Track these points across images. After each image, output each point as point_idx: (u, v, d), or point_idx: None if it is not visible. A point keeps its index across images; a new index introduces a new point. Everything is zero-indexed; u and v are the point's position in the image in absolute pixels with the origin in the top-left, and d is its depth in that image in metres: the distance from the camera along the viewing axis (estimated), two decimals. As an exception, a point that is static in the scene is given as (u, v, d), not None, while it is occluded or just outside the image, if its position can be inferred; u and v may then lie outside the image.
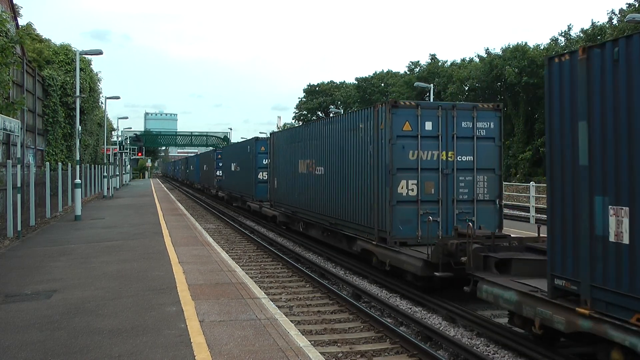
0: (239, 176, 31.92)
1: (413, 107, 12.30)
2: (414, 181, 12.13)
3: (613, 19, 41.43)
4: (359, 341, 8.97)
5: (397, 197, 12.06)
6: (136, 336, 6.86)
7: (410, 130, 12.10)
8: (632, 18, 23.25)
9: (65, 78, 34.40)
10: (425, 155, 12.15)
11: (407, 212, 12.13)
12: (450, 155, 12.29)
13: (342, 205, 15.00)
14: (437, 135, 12.27)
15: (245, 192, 29.78)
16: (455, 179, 12.38)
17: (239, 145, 34.81)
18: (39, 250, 14.39)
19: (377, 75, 78.51)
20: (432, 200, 12.26)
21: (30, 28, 32.84)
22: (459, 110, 12.50)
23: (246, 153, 29.41)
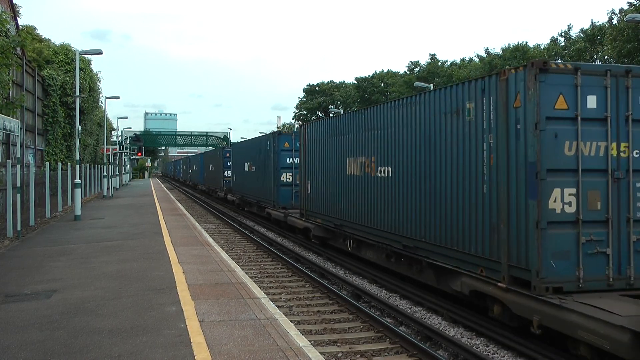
0: (254, 177, 27.02)
1: (570, 71, 7.97)
2: (573, 190, 7.86)
3: (613, 18, 41.36)
4: (358, 341, 8.97)
5: (549, 216, 7.72)
6: (136, 336, 6.85)
7: (567, 110, 7.89)
8: (632, 18, 23.22)
9: (65, 78, 34.39)
10: (587, 148, 7.96)
11: (563, 239, 7.78)
12: (623, 149, 8.07)
13: (427, 221, 10.65)
14: (605, 116, 8.02)
15: (263, 196, 25.09)
16: (631, 186, 8.08)
17: (255, 141, 28.76)
18: (39, 250, 14.38)
19: (377, 75, 78.46)
20: (597, 220, 7.92)
21: (31, 30, 32.83)
22: (636, 78, 8.12)
23: (265, 150, 24.76)
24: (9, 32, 20.50)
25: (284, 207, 22.05)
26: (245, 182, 29.43)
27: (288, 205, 21.89)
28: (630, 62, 35.72)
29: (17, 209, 16.91)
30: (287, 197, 22.20)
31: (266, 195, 24.10)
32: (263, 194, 24.64)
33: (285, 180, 22.36)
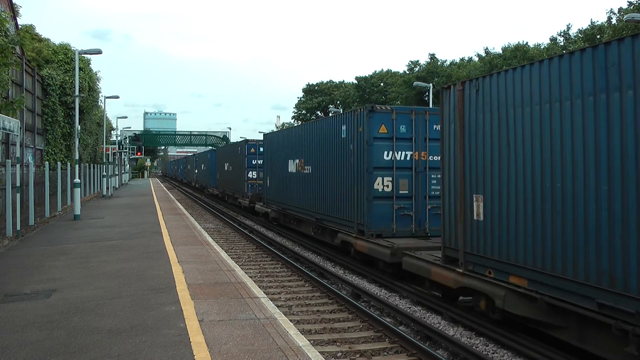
0: (313, 183, 26.20)
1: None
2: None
3: (612, 18, 41.43)
4: (358, 340, 8.97)
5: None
6: (135, 336, 6.85)
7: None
8: (631, 17, 23.24)
9: (65, 77, 34.39)
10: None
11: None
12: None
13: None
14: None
15: (340, 213, 24.71)
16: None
17: (312, 127, 30.54)
18: (38, 249, 14.38)
19: (376, 74, 78.52)
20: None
21: (30, 29, 32.82)
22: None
23: (338, 142, 25.68)
24: (9, 31, 20.49)
25: (380, 234, 13.69)
26: (292, 189, 20.38)
27: (387, 231, 13.71)
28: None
29: (17, 208, 16.91)
30: (387, 217, 13.81)
31: (348, 211, 14.89)
32: (340, 209, 15.53)
33: (383, 189, 13.87)
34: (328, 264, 15.75)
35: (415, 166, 13.71)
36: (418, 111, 13.99)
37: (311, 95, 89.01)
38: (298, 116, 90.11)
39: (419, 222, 13.66)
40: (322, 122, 17.68)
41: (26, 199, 19.39)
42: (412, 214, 13.62)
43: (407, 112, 13.83)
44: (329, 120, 16.98)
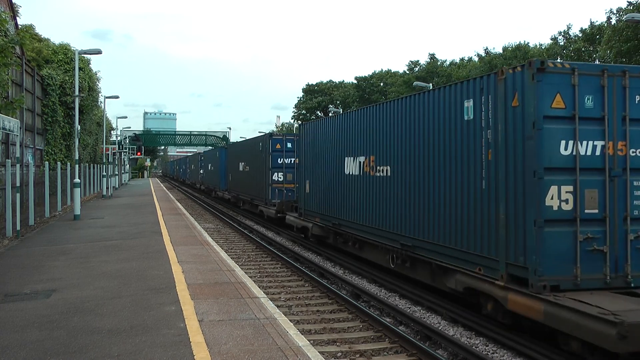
0: (395, 189, 21.41)
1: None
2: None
3: (611, 18, 41.40)
4: (358, 340, 8.98)
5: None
6: (135, 336, 6.85)
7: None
8: (631, 17, 23.23)
9: (64, 77, 34.39)
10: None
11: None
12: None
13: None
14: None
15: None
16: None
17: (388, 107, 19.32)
18: (38, 249, 14.38)
19: (376, 74, 78.52)
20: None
21: (30, 29, 32.80)
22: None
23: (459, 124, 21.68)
24: (8, 31, 20.48)
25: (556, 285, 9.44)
26: (351, 198, 14.79)
27: (566, 280, 9.14)
28: (627, 61, 35.73)
29: (17, 208, 16.90)
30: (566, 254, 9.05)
31: (480, 240, 9.49)
32: (460, 235, 9.99)
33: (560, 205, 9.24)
34: (328, 264, 15.74)
35: (610, 165, 8.19)
36: (612, 71, 8.31)
37: (311, 95, 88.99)
38: (298, 116, 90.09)
39: (615, 262, 8.10)
40: (413, 99, 11.32)
41: (26, 199, 19.39)
42: (606, 249, 8.06)
43: (595, 74, 8.24)
44: (430, 95, 10.65)
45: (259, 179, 25.85)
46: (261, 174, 25.46)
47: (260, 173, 25.81)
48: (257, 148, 26.57)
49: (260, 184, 25.69)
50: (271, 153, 24.35)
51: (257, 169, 26.41)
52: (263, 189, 25.08)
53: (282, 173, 24.41)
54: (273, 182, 24.32)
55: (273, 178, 24.40)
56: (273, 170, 24.38)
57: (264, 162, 24.89)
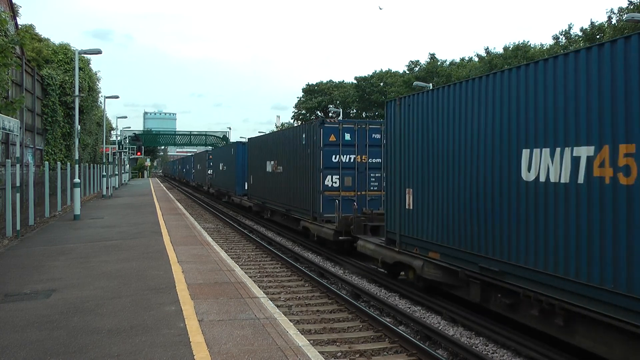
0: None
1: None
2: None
3: (612, 18, 41.42)
4: (358, 340, 8.98)
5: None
6: (135, 335, 6.85)
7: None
8: (631, 17, 23.24)
9: (64, 77, 34.37)
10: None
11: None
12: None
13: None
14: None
15: None
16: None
17: None
18: (38, 249, 14.38)
19: (376, 74, 78.49)
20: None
21: (30, 29, 32.79)
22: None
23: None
24: (8, 31, 20.47)
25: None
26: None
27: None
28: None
29: (17, 208, 16.90)
30: None
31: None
32: None
33: None
34: (328, 263, 15.75)
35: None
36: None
37: (311, 95, 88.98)
38: (297, 116, 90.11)
39: None
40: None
41: (26, 199, 19.38)
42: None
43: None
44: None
45: (301, 184, 19.69)
46: (305, 177, 19.35)
47: (303, 175, 19.62)
48: (298, 141, 19.98)
49: (303, 190, 19.55)
50: (322, 148, 17.99)
51: (298, 169, 20.00)
52: (308, 198, 18.90)
53: (337, 176, 18.10)
54: (325, 189, 18.05)
55: (325, 183, 18.07)
56: (326, 172, 18.04)
57: (310, 161, 18.69)
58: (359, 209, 15.72)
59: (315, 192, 18.01)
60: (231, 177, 33.95)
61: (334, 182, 17.88)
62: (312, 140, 18.38)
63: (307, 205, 18.94)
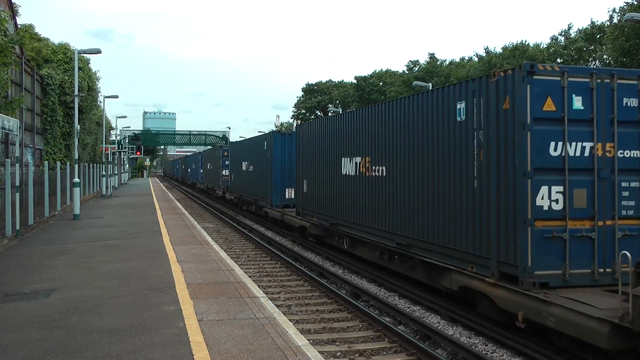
0: None
1: None
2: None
3: (613, 17, 41.37)
4: (357, 340, 8.98)
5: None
6: (135, 335, 6.85)
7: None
8: (630, 17, 23.23)
9: (64, 77, 34.35)
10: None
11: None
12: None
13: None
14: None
15: None
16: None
17: None
18: (38, 249, 14.38)
19: (375, 74, 78.45)
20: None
21: (30, 28, 32.78)
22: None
23: None
24: (8, 31, 20.46)
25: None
26: None
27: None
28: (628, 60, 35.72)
29: (16, 208, 16.90)
30: None
31: None
32: None
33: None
34: (327, 263, 15.75)
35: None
36: None
37: (310, 95, 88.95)
38: (297, 116, 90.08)
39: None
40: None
41: (25, 199, 19.38)
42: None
43: None
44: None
45: (452, 200, 9.96)
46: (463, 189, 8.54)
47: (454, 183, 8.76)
48: (441, 115, 10.64)
49: (459, 212, 9.90)
50: (531, 125, 10.72)
51: (441, 172, 10.78)
52: (489, 232, 7.60)
53: (561, 187, 12.53)
54: (539, 215, 9.46)
55: (537, 203, 9.92)
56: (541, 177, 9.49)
57: (493, 154, 10.22)
58: None
59: (515, 221, 8.43)
60: (262, 180, 24.86)
61: (555, 199, 8.49)
62: (495, 110, 8.90)
63: (477, 245, 9.28)
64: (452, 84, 10.07)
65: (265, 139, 24.86)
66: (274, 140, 23.33)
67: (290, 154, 22.26)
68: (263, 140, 25.49)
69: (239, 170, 31.12)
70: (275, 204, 22.86)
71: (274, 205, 22.96)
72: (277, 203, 22.80)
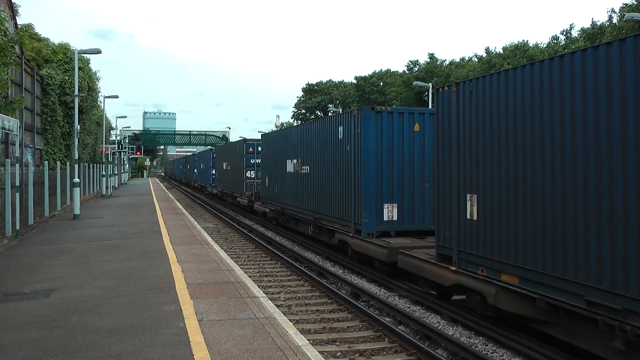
0: None
1: None
2: None
3: (613, 17, 41.41)
4: (357, 340, 8.97)
5: None
6: (135, 335, 6.85)
7: None
8: (631, 17, 23.25)
9: (64, 77, 34.36)
10: None
11: None
12: None
13: None
14: None
15: None
16: None
17: None
18: (38, 249, 14.37)
19: (376, 74, 78.48)
20: None
21: (30, 28, 32.78)
22: None
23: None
24: (8, 31, 20.46)
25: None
26: None
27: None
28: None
29: (16, 208, 16.90)
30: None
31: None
32: None
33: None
34: (327, 263, 15.75)
35: None
36: None
37: (311, 95, 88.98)
38: (297, 115, 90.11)
39: None
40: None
41: (25, 199, 19.38)
42: None
43: None
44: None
45: None
46: None
47: None
48: None
49: None
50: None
51: None
52: None
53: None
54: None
55: None
56: None
57: None
58: None
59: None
60: (335, 189, 15.73)
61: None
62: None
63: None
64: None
65: (343, 123, 15.08)
66: (365, 123, 13.73)
67: (394, 144, 13.77)
68: (335, 125, 15.64)
69: (280, 172, 21.91)
70: (368, 230, 13.65)
71: (364, 232, 13.70)
72: (371, 229, 13.63)
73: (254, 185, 29.00)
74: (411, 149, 13.76)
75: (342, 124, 15.15)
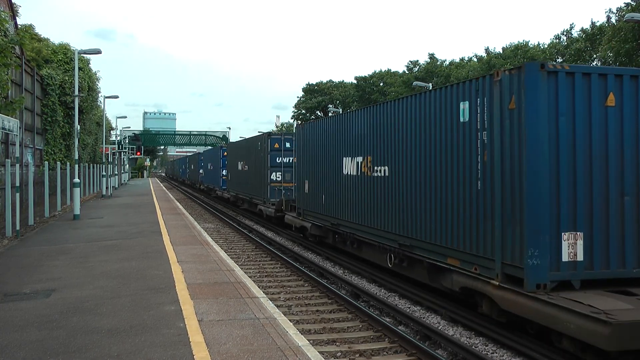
0: None
1: None
2: None
3: (611, 17, 41.39)
4: (357, 340, 8.97)
5: None
6: (135, 335, 6.85)
7: None
8: (631, 17, 23.25)
9: (64, 77, 34.37)
10: None
11: None
12: None
13: None
14: None
15: None
16: None
17: None
18: (38, 249, 14.37)
19: (376, 74, 78.51)
20: None
21: (30, 29, 32.80)
22: None
23: None
24: (8, 31, 20.47)
25: None
26: None
27: None
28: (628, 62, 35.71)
29: (16, 208, 16.89)
30: None
31: None
32: None
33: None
34: (327, 263, 15.74)
35: None
36: None
37: (311, 95, 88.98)
38: (297, 116, 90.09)
39: None
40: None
41: (25, 199, 19.38)
42: None
43: None
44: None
45: None
46: None
47: None
48: None
49: None
50: None
51: None
52: None
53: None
54: None
55: None
56: None
57: None
58: None
59: None
60: (475, 205, 9.05)
61: None
62: None
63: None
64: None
65: (471, 95, 9.14)
66: (529, 91, 7.90)
67: (576, 129, 8.12)
68: (451, 100, 9.71)
69: (331, 175, 16.01)
70: (538, 278, 7.80)
71: (531, 282, 7.81)
72: (542, 277, 7.79)
73: (282, 190, 23.31)
74: (602, 137, 8.17)
75: (468, 97, 9.20)
